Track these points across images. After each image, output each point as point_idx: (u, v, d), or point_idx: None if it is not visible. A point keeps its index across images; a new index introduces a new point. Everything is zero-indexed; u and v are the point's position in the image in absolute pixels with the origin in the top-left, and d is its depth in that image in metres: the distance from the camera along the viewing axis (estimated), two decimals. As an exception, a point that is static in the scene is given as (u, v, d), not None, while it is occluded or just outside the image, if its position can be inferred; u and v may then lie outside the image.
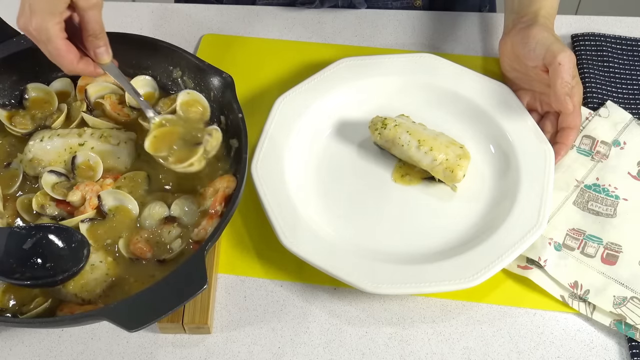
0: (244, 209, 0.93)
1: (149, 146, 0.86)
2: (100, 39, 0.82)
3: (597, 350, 0.83)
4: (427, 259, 0.87)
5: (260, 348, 0.83)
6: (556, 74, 0.91)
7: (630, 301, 0.85)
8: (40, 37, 0.78)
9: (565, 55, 0.91)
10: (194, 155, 0.84)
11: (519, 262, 0.89)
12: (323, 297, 0.87)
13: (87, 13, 0.79)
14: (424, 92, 1.03)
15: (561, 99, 0.92)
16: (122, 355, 0.83)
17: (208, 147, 0.85)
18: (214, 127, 0.87)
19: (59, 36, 0.79)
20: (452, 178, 0.92)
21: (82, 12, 0.79)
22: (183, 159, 0.85)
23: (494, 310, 0.87)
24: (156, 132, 0.87)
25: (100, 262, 0.80)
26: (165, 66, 0.96)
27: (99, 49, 0.82)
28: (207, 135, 0.86)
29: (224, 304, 0.87)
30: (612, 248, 0.90)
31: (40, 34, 0.78)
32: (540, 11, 0.98)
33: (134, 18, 1.17)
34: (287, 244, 0.86)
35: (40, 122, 0.93)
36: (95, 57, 0.83)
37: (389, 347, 0.84)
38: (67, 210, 0.85)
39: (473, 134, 1.00)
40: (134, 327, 0.68)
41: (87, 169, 0.88)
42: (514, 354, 0.83)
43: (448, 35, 1.15)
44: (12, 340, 0.84)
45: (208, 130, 0.87)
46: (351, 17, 1.17)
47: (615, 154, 0.98)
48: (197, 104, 0.91)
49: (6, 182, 0.88)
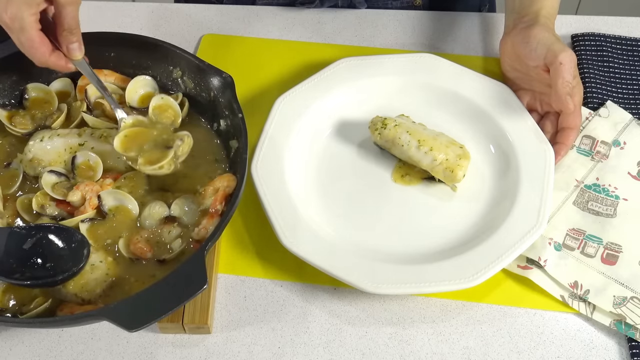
0: (244, 208, 0.93)
1: (118, 145, 0.86)
2: (74, 35, 0.82)
3: (597, 350, 0.83)
4: (427, 259, 0.87)
5: (260, 348, 0.83)
6: (557, 73, 0.91)
7: (630, 301, 0.85)
8: (14, 25, 0.78)
9: (567, 55, 0.91)
10: (164, 158, 0.85)
11: (519, 262, 0.89)
12: (323, 297, 0.87)
13: (65, 8, 0.79)
14: (424, 92, 1.03)
15: (562, 98, 0.92)
16: (122, 355, 0.83)
17: (179, 151, 0.86)
18: (185, 133, 0.88)
19: (33, 27, 0.79)
20: (452, 178, 0.92)
21: (59, 7, 0.79)
22: (153, 161, 0.85)
23: (494, 310, 0.87)
24: (127, 132, 0.87)
25: (100, 262, 0.80)
26: (165, 66, 0.96)
27: (72, 44, 0.82)
28: (179, 140, 0.86)
29: (224, 304, 0.87)
30: (612, 248, 0.90)
31: (14, 23, 0.78)
32: (541, 11, 0.98)
33: (134, 18, 1.17)
34: (287, 244, 0.86)
35: (40, 122, 0.93)
36: (68, 52, 0.83)
37: (389, 347, 0.84)
38: (67, 210, 0.85)
39: (473, 134, 1.00)
40: (134, 327, 0.68)
41: (87, 169, 0.88)
42: (514, 354, 0.83)
43: (448, 35, 1.15)
44: (12, 340, 0.84)
45: (180, 135, 0.87)
46: (351, 17, 1.17)
47: (615, 154, 0.98)
48: (170, 109, 0.92)
49: (6, 182, 0.88)
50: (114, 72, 0.97)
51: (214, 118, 0.93)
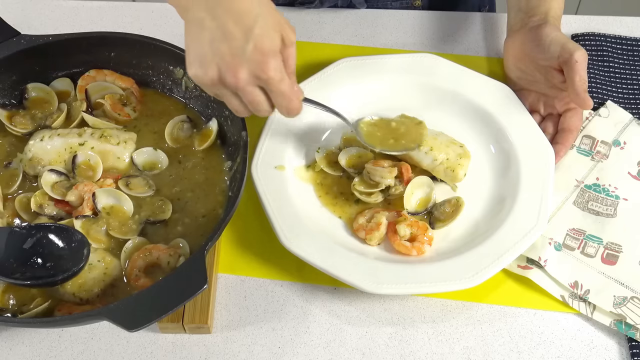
0: (244, 209, 0.93)
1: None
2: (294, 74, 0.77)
3: (598, 350, 0.83)
4: (427, 259, 0.87)
5: (260, 348, 0.83)
6: (574, 71, 0.91)
7: (630, 301, 0.85)
8: (276, 76, 0.72)
9: (582, 54, 0.92)
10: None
11: (519, 262, 0.89)
12: (323, 297, 0.87)
13: (289, 49, 0.75)
14: (424, 92, 1.03)
15: (581, 95, 0.92)
16: (122, 355, 0.83)
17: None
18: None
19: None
20: (453, 177, 0.92)
21: (286, 49, 0.75)
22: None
23: (494, 310, 0.86)
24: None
25: (98, 261, 0.80)
26: (165, 66, 0.96)
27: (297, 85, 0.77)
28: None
29: (224, 304, 0.87)
30: (612, 248, 0.90)
31: (277, 73, 0.72)
32: (549, 12, 0.98)
33: (134, 18, 1.17)
34: (287, 244, 0.85)
35: (41, 122, 0.93)
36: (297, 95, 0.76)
37: (389, 347, 0.84)
38: (66, 210, 0.85)
39: (473, 133, 1.00)
40: (134, 327, 0.68)
41: (87, 168, 0.88)
42: (514, 353, 0.83)
43: (448, 35, 1.15)
44: (12, 340, 0.84)
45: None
46: (351, 17, 1.17)
47: (615, 153, 0.98)
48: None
49: (6, 181, 0.88)
50: (114, 72, 0.97)
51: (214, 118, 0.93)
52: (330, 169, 0.94)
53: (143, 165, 0.90)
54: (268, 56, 0.70)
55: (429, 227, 0.89)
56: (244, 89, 0.72)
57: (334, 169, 0.95)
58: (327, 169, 0.94)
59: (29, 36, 0.92)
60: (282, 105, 0.75)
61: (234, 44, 0.69)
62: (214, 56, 0.70)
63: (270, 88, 0.73)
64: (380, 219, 0.88)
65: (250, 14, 0.70)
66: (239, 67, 0.70)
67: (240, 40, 0.69)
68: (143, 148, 0.91)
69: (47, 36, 0.93)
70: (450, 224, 0.89)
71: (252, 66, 0.70)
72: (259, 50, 0.70)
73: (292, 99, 0.74)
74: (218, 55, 0.70)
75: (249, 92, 0.73)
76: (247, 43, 0.69)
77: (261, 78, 0.71)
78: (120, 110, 0.94)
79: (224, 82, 0.71)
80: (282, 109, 0.75)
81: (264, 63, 0.70)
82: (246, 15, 0.70)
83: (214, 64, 0.70)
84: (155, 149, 0.91)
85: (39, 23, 1.15)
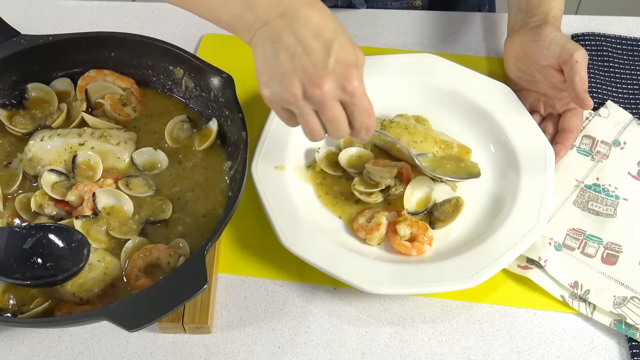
0: (244, 208, 0.93)
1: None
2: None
3: (598, 350, 0.83)
4: (427, 259, 0.87)
5: (260, 348, 0.83)
6: (574, 71, 0.91)
7: (630, 301, 0.85)
8: (361, 88, 0.70)
9: (582, 54, 0.91)
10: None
11: (519, 262, 0.89)
12: (323, 297, 0.87)
13: (360, 69, 0.72)
14: (424, 92, 1.03)
15: (581, 95, 0.91)
16: (122, 355, 0.83)
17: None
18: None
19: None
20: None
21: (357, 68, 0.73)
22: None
23: (494, 310, 0.86)
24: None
25: (98, 261, 0.80)
26: (165, 66, 0.96)
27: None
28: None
29: (224, 304, 0.87)
30: (612, 248, 0.90)
31: (361, 85, 0.70)
32: (550, 12, 0.98)
33: (134, 18, 1.17)
34: (287, 244, 0.85)
35: (41, 122, 0.93)
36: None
37: (389, 347, 0.84)
38: (66, 210, 0.85)
39: (473, 133, 1.00)
40: (134, 327, 0.68)
41: (87, 168, 0.88)
42: (514, 353, 0.83)
43: (448, 35, 1.15)
44: (12, 340, 0.84)
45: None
46: (351, 17, 1.17)
47: (615, 153, 0.98)
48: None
49: (6, 181, 0.88)
50: (114, 72, 0.97)
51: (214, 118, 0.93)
52: (330, 169, 0.94)
53: (143, 165, 0.90)
54: (351, 68, 0.69)
55: (429, 227, 0.89)
56: (327, 103, 0.69)
57: (334, 169, 0.95)
58: (327, 169, 0.94)
59: (29, 36, 0.92)
60: (361, 122, 0.72)
61: (316, 57, 0.68)
62: (295, 71, 0.68)
63: (354, 101, 0.70)
64: (380, 219, 0.88)
65: (329, 27, 0.70)
66: (324, 79, 0.68)
67: (322, 53, 0.68)
68: (143, 148, 0.91)
69: (47, 36, 0.93)
70: (450, 224, 0.89)
71: (336, 78, 0.69)
72: (341, 63, 0.69)
73: (370, 114, 0.72)
74: (300, 70, 0.68)
75: (331, 107, 0.70)
76: (329, 56, 0.68)
77: (347, 89, 0.69)
78: (120, 110, 0.94)
79: (307, 96, 0.69)
80: (360, 126, 0.72)
81: (349, 74, 0.69)
82: (325, 29, 0.69)
83: (296, 79, 0.69)
84: (155, 149, 0.91)
85: (39, 23, 1.15)
